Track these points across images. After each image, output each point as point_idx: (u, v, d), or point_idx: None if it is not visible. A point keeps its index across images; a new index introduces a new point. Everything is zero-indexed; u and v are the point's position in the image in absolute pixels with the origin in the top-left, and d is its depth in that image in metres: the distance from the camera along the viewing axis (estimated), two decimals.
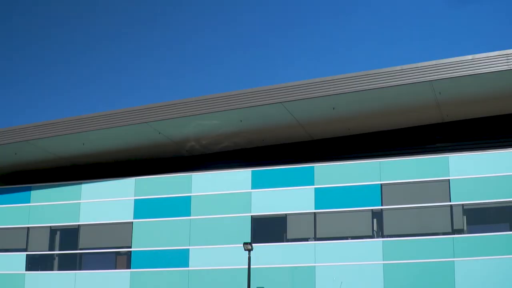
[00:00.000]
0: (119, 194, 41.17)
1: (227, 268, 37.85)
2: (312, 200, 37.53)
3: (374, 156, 38.19)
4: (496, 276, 33.65)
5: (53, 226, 42.40)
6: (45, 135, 39.59)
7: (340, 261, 36.20)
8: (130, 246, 40.29)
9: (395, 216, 36.12)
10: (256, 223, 38.26)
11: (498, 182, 34.71)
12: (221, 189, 39.33)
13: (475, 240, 34.44)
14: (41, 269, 42.03)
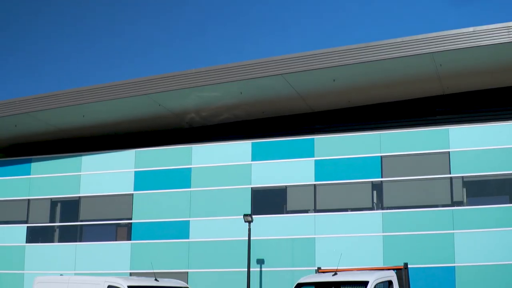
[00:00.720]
0: (119, 166, 41.20)
1: (227, 239, 37.96)
2: (312, 172, 37.56)
3: (374, 128, 38.15)
4: (496, 248, 33.76)
5: (53, 198, 42.46)
6: (45, 107, 39.53)
7: (340, 233, 36.30)
8: (130, 218, 40.40)
9: (395, 188, 36.16)
10: (256, 195, 38.32)
11: (498, 154, 34.71)
12: (221, 161, 39.35)
13: (474, 212, 34.51)
14: (41, 241, 42.18)
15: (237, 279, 36.69)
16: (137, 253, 39.58)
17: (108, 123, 41.52)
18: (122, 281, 22.00)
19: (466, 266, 34.04)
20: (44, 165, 42.92)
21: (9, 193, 43.47)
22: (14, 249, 42.29)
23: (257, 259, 36.70)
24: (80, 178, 41.90)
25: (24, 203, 42.95)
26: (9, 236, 42.69)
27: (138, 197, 40.36)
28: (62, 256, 41.03)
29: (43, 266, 40.67)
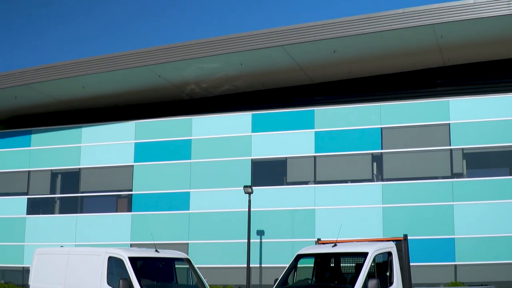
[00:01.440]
0: (119, 137, 41.18)
1: (228, 211, 38.05)
2: (312, 143, 37.55)
3: (375, 100, 38.08)
4: (495, 220, 33.85)
5: (53, 169, 42.50)
6: (45, 79, 39.43)
7: (340, 204, 36.38)
8: (130, 189, 40.45)
9: (394, 160, 36.18)
10: (256, 166, 38.35)
11: (498, 126, 34.69)
12: (221, 132, 39.32)
13: (474, 184, 34.56)
14: (42, 213, 42.26)
15: (237, 250, 36.81)
16: (137, 224, 39.68)
17: (108, 94, 41.45)
18: (122, 252, 22.04)
19: (466, 238, 34.14)
20: (44, 137, 42.91)
21: (9, 165, 43.50)
22: (14, 221, 42.39)
23: (257, 230, 36.81)
24: (80, 150, 41.91)
25: (24, 175, 43.00)
26: (9, 207, 42.78)
27: (138, 168, 40.39)
28: (63, 227, 41.15)
29: (43, 238, 40.82)
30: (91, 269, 22.79)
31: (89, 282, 22.66)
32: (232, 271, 37.16)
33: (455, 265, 34.16)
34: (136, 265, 21.78)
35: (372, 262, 18.10)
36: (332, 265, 20.34)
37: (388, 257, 18.69)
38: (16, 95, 41.48)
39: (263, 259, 36.89)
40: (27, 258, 40.24)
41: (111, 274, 22.02)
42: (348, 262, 20.04)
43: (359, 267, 18.15)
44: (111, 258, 22.26)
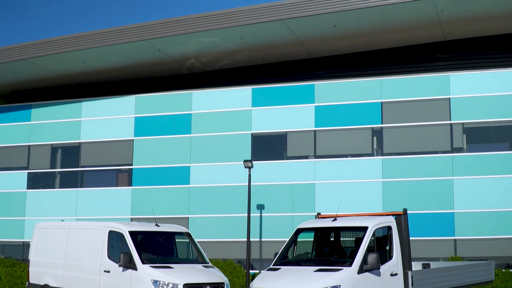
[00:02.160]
0: (119, 111, 41.16)
1: (228, 185, 38.11)
2: (312, 118, 37.53)
3: (375, 74, 38.02)
4: (495, 195, 33.91)
5: (54, 144, 42.51)
6: (44, 53, 39.31)
7: (340, 178, 36.43)
8: (131, 164, 40.49)
9: (395, 134, 36.18)
10: (256, 140, 38.36)
11: (499, 101, 34.67)
12: (221, 106, 39.29)
13: (474, 159, 34.59)
14: (42, 187, 42.35)
15: (237, 224, 36.92)
16: (137, 198, 39.76)
17: (108, 69, 41.37)
18: (123, 226, 22.14)
19: (465, 212, 34.22)
20: (44, 111, 42.89)
21: (9, 139, 43.50)
22: (15, 195, 42.47)
23: (257, 205, 36.89)
24: (81, 124, 41.90)
25: (24, 149, 43.02)
26: (10, 182, 42.84)
27: (138, 143, 40.40)
28: (63, 202, 41.24)
29: (44, 212, 40.92)
30: (91, 243, 22.90)
31: (90, 256, 22.78)
32: (232, 245, 37.29)
33: (455, 240, 34.27)
34: (137, 239, 21.90)
35: (371, 236, 18.19)
36: (332, 239, 20.44)
37: (388, 231, 18.77)
38: (16, 70, 41.40)
39: (263, 233, 37.01)
40: (27, 232, 40.38)
41: (111, 248, 22.16)
42: (348, 236, 20.12)
43: (358, 241, 18.23)
44: (112, 232, 22.38)
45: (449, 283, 20.33)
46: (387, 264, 18.26)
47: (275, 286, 17.31)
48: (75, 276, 23.15)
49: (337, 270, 17.35)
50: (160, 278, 20.37)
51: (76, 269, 23.20)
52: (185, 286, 20.33)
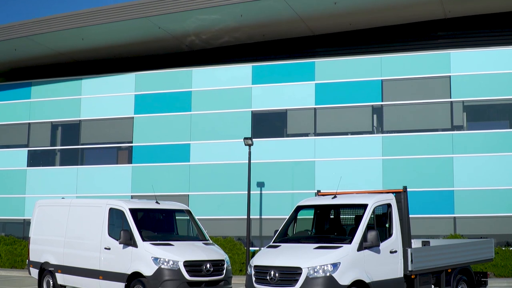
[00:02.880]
0: (119, 89, 41.12)
1: (228, 163, 38.15)
2: (313, 95, 37.51)
3: (376, 52, 37.96)
4: (495, 173, 33.96)
5: (54, 121, 42.50)
6: (44, 31, 39.20)
7: (340, 156, 36.46)
8: (131, 141, 40.50)
9: (395, 112, 36.18)
10: (256, 118, 38.36)
11: (499, 79, 34.62)
12: (221, 84, 39.26)
13: (474, 137, 34.60)
14: (42, 165, 42.38)
15: (238, 202, 37.00)
16: (138, 176, 39.82)
17: (108, 46, 41.27)
18: (123, 203, 22.17)
19: (465, 190, 34.29)
20: (44, 89, 42.85)
21: (9, 117, 43.50)
22: (15, 173, 42.53)
23: (257, 182, 36.93)
24: (81, 102, 41.87)
25: (24, 127, 43.02)
26: (10, 160, 42.89)
27: (138, 120, 40.39)
28: (64, 179, 41.30)
29: (44, 190, 40.99)
30: (92, 220, 22.95)
31: (90, 233, 22.83)
32: (232, 223, 37.39)
33: (454, 218, 34.35)
34: (137, 216, 21.94)
35: (371, 214, 18.21)
36: (332, 216, 20.46)
37: (388, 209, 18.79)
38: (15, 47, 41.30)
39: (263, 210, 37.09)
40: (28, 210, 40.47)
41: (112, 225, 22.20)
42: (347, 213, 20.14)
43: (358, 219, 18.26)
44: (112, 209, 22.41)
45: (448, 260, 20.39)
46: (387, 241, 18.31)
47: (275, 263, 17.37)
48: (76, 254, 23.21)
49: (337, 247, 17.39)
50: (160, 255, 20.44)
51: (77, 246, 23.26)
52: (185, 263, 20.41)
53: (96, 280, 22.19)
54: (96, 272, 22.16)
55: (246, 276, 18.50)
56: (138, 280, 20.66)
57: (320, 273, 16.73)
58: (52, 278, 24.12)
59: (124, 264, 21.13)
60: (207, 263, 20.79)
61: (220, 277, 21.11)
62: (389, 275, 18.20)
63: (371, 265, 17.61)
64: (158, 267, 20.30)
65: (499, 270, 31.76)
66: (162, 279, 20.19)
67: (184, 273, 20.31)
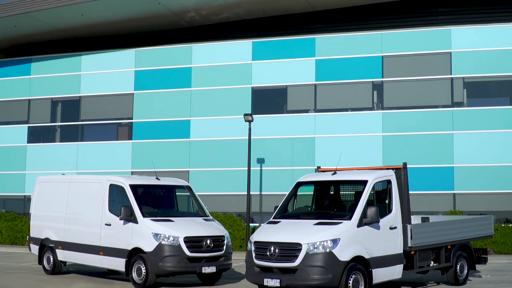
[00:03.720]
0: (119, 65, 41.03)
1: (228, 139, 38.15)
2: (313, 71, 37.45)
3: (376, 28, 37.82)
4: (494, 149, 33.98)
5: (54, 98, 42.44)
6: (43, 7, 38.99)
7: (340, 132, 36.46)
8: (131, 118, 40.48)
9: (395, 88, 36.14)
10: (256, 94, 38.32)
11: (500, 55, 34.56)
12: (221, 60, 39.18)
13: (474, 113, 34.58)
14: (43, 141, 42.38)
15: (238, 178, 37.04)
16: (138, 152, 39.84)
17: (108, 22, 41.09)
18: (123, 180, 22.20)
19: (465, 167, 34.32)
20: (44, 65, 42.77)
21: (9, 93, 43.44)
22: (15, 149, 42.53)
23: (257, 158, 36.96)
24: (80, 78, 41.80)
25: (24, 103, 42.97)
26: (10, 136, 42.87)
27: (138, 96, 40.35)
28: (64, 155, 41.31)
29: (44, 166, 41.00)
30: (92, 196, 22.99)
31: (91, 209, 22.89)
32: (232, 199, 37.46)
33: (454, 194, 34.41)
34: (137, 192, 21.98)
35: (371, 190, 18.24)
36: (332, 192, 20.50)
37: (387, 185, 18.81)
38: (15, 24, 41.14)
39: (263, 186, 37.15)
40: (28, 186, 40.50)
41: (112, 201, 22.25)
42: (347, 190, 20.17)
43: (358, 195, 18.29)
44: (112, 185, 22.45)
45: (448, 237, 20.45)
46: (387, 217, 18.35)
47: (275, 239, 17.42)
48: (76, 230, 23.28)
49: (337, 223, 17.43)
50: (160, 231, 20.50)
51: (77, 222, 23.32)
52: (185, 239, 20.48)
53: (97, 256, 22.27)
54: (97, 248, 22.24)
55: (246, 252, 18.56)
56: (138, 256, 20.75)
57: (320, 249, 16.79)
58: (53, 254, 24.21)
59: (124, 240, 21.20)
60: (207, 239, 20.86)
61: (220, 253, 21.19)
62: (389, 251, 18.26)
63: (371, 241, 17.67)
64: (159, 243, 20.37)
65: (499, 247, 31.86)
66: (163, 255, 20.28)
67: (184, 249, 20.39)
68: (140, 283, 20.64)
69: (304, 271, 16.80)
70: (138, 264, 20.70)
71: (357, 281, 17.18)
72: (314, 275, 16.73)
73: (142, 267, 20.56)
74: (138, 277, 20.70)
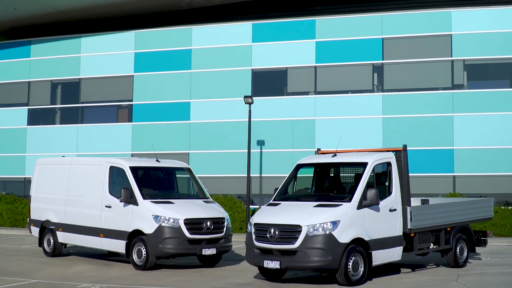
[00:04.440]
0: (119, 47, 40.95)
1: (228, 121, 38.14)
2: (313, 53, 37.40)
3: (377, 10, 37.70)
4: (494, 131, 33.99)
5: (53, 80, 42.39)
6: None
7: (340, 115, 36.44)
8: (131, 100, 40.45)
9: (395, 71, 36.10)
10: (256, 76, 38.28)
11: (501, 38, 34.50)
12: (221, 42, 39.10)
13: (474, 95, 34.56)
14: (43, 123, 42.35)
15: (238, 160, 37.06)
16: (138, 134, 39.84)
17: (107, 4, 40.89)
18: (124, 162, 22.21)
19: (465, 149, 34.34)
20: (44, 47, 42.68)
21: (9, 75, 43.37)
22: (15, 132, 42.51)
23: (257, 141, 36.96)
24: (80, 60, 41.73)
25: (24, 86, 42.91)
26: (10, 118, 42.84)
27: (138, 78, 40.30)
28: (64, 138, 41.30)
29: (44, 148, 40.99)
30: (92, 178, 23.01)
31: (91, 191, 22.91)
32: (232, 181, 37.49)
33: (454, 176, 34.45)
34: (137, 174, 22.02)
35: (371, 172, 18.26)
36: (332, 175, 20.52)
37: (387, 167, 18.83)
38: (15, 6, 40.99)
39: (263, 169, 37.18)
40: (28, 169, 40.51)
41: (112, 183, 22.28)
42: (347, 172, 20.20)
43: (358, 177, 18.31)
44: (113, 167, 22.47)
45: (447, 219, 20.48)
46: (386, 199, 18.38)
47: (275, 221, 17.46)
48: (76, 212, 23.32)
49: (337, 205, 17.46)
50: (161, 213, 20.55)
51: (77, 204, 23.36)
52: (185, 221, 20.53)
53: (97, 238, 22.33)
54: (97, 230, 22.29)
55: (246, 234, 18.61)
56: (138, 237, 20.80)
57: (319, 231, 16.83)
58: (53, 236, 24.26)
59: (125, 222, 21.25)
60: (208, 221, 20.91)
61: (220, 235, 21.24)
62: (389, 233, 18.31)
63: (371, 223, 17.71)
64: (159, 225, 20.42)
65: (498, 229, 31.92)
66: (163, 237, 20.33)
67: (184, 231, 20.44)
68: (140, 265, 20.70)
69: (304, 253, 16.85)
70: (139, 246, 20.76)
71: (357, 263, 17.25)
72: (314, 257, 16.79)
73: (143, 249, 20.62)
74: (139, 259, 20.76)
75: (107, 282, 18.23)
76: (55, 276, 19.58)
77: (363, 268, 17.39)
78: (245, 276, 19.28)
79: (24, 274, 19.84)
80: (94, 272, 20.48)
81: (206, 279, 18.87)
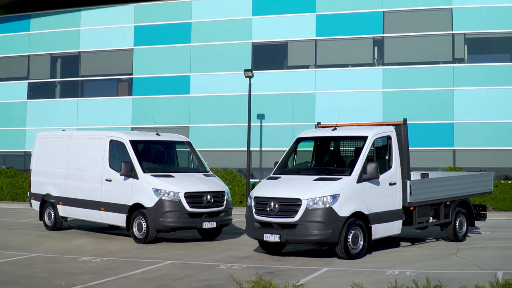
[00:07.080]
0: (118, 21, 40.80)
1: (228, 95, 38.10)
2: (313, 27, 37.27)
3: None
4: (495, 106, 33.96)
5: (53, 53, 42.28)
6: None
7: (340, 88, 36.40)
8: (131, 73, 40.37)
9: (396, 44, 36.01)
10: (256, 50, 38.19)
11: (501, 12, 34.36)
12: (221, 15, 38.95)
13: (475, 69, 34.50)
14: (43, 97, 42.31)
15: (238, 134, 37.06)
16: (138, 108, 39.81)
17: None
18: (124, 135, 22.19)
19: (465, 123, 34.33)
20: (44, 21, 42.52)
21: (9, 49, 43.25)
22: (15, 106, 42.47)
23: (257, 114, 36.93)
24: (80, 33, 41.59)
25: (24, 59, 42.81)
26: (10, 92, 42.78)
27: (138, 52, 40.20)
28: (64, 111, 41.28)
29: (44, 122, 40.96)
30: (93, 152, 23.01)
31: (91, 165, 22.92)
32: (232, 154, 37.52)
33: (454, 150, 34.47)
34: (138, 148, 22.01)
35: (371, 146, 18.25)
36: (332, 148, 20.50)
37: (387, 141, 18.81)
38: None
39: (263, 142, 37.19)
40: (28, 142, 40.51)
41: (112, 157, 22.27)
42: (347, 146, 20.18)
43: (358, 151, 18.31)
44: (113, 141, 22.45)
45: (447, 193, 20.49)
46: (386, 173, 18.39)
47: (275, 194, 17.48)
48: (77, 185, 23.34)
49: (337, 179, 17.48)
50: (161, 187, 20.57)
51: (78, 178, 23.37)
52: (186, 194, 20.56)
53: (98, 212, 22.36)
54: (98, 203, 22.32)
55: (246, 208, 18.65)
56: (139, 211, 20.84)
57: (319, 205, 16.85)
58: (54, 210, 24.29)
59: (125, 196, 21.27)
60: (208, 195, 20.94)
61: (220, 208, 21.28)
62: (388, 207, 18.34)
63: (370, 197, 17.73)
64: (159, 198, 20.46)
65: (498, 204, 31.97)
66: (163, 210, 20.37)
67: (184, 204, 20.47)
68: (140, 238, 20.76)
69: (304, 226, 16.89)
70: (139, 220, 20.80)
71: (357, 236, 17.29)
72: (314, 230, 16.83)
73: (143, 222, 20.66)
74: (139, 232, 20.81)
75: (107, 256, 18.28)
76: (56, 249, 19.63)
77: (362, 241, 17.43)
78: (245, 249, 19.33)
79: (25, 247, 19.89)
80: (94, 246, 20.54)
81: (206, 252, 18.92)
